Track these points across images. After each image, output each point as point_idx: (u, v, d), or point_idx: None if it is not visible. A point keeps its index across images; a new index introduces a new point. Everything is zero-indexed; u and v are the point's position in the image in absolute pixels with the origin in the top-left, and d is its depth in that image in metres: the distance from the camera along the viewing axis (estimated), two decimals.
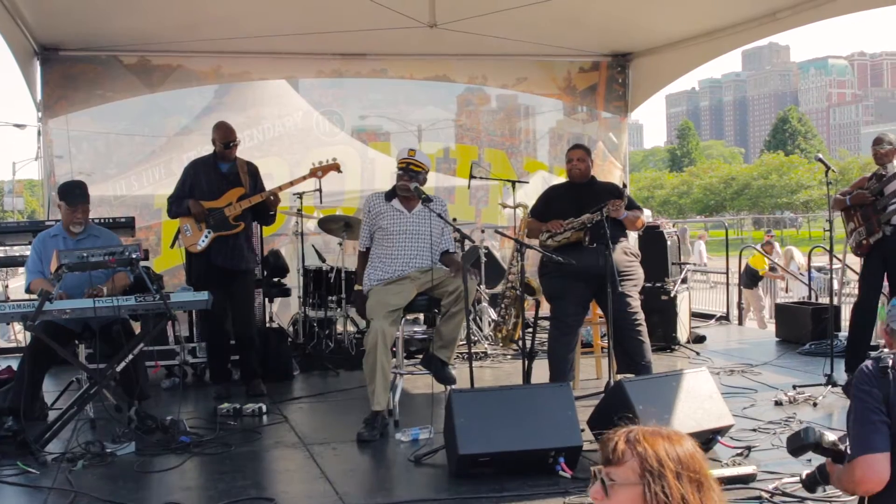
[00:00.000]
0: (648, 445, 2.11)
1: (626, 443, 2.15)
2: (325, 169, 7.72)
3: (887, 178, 7.47)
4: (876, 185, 7.52)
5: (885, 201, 7.44)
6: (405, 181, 6.55)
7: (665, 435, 2.15)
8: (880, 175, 7.56)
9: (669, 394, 5.46)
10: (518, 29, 9.62)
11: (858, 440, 3.18)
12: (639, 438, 2.14)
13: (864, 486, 3.17)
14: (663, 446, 2.11)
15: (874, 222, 7.49)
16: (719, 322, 11.50)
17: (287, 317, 9.94)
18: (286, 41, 9.93)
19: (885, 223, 7.45)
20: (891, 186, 7.43)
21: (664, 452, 2.10)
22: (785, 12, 9.01)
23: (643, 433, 2.15)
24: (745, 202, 63.66)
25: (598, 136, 12.03)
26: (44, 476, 5.29)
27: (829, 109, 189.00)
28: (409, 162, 6.58)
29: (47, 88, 9.88)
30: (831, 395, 6.89)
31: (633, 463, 2.12)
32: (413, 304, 6.55)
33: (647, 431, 2.16)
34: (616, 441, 2.17)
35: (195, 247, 7.40)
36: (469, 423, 5.11)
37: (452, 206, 9.98)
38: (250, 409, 6.83)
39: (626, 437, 2.16)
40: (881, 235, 7.46)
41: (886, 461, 3.13)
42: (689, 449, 2.14)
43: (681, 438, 2.16)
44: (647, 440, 2.13)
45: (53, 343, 6.00)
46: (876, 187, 7.51)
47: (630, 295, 6.76)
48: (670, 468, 2.09)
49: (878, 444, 3.14)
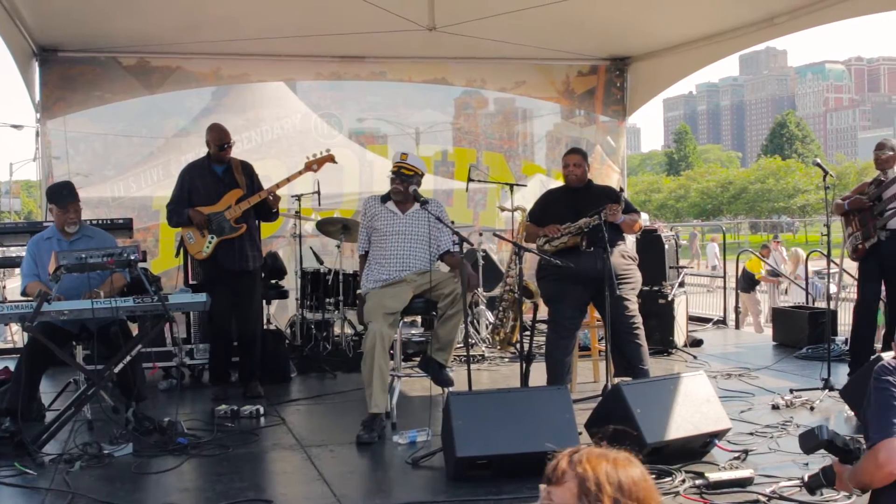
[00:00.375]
0: (590, 467, 2.05)
1: (569, 463, 2.08)
2: (320, 161, 7.66)
3: (886, 183, 7.49)
4: (875, 190, 7.54)
5: (883, 206, 7.46)
6: (397, 185, 6.58)
7: (612, 458, 2.08)
8: (879, 181, 7.58)
9: (667, 397, 5.46)
10: (516, 32, 9.63)
11: (881, 424, 3.17)
12: (581, 459, 2.07)
13: (887, 469, 3.14)
14: (605, 470, 2.04)
15: (871, 227, 7.52)
16: (716, 326, 11.51)
17: (284, 319, 9.94)
18: (285, 43, 9.93)
19: (881, 228, 7.47)
20: (889, 192, 7.45)
21: (605, 476, 2.04)
22: (782, 17, 9.03)
23: (588, 455, 2.08)
24: (743, 206, 63.75)
25: (596, 139, 12.04)
26: (41, 477, 5.28)
27: (826, 114, 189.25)
28: (401, 166, 6.60)
29: (46, 89, 9.88)
30: (828, 399, 6.89)
31: (571, 484, 2.06)
32: (410, 307, 6.56)
33: (594, 453, 2.09)
34: (559, 460, 2.11)
35: (201, 254, 7.39)
36: (467, 426, 5.11)
37: (450, 209, 9.97)
38: (248, 410, 6.83)
39: (569, 457, 2.10)
40: (876, 240, 7.49)
41: None
42: (634, 475, 2.07)
43: (628, 464, 2.09)
44: (589, 462, 2.06)
45: (51, 344, 6.00)
46: (874, 192, 7.53)
47: (628, 298, 6.77)
48: (608, 493, 2.02)
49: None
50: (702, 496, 4.72)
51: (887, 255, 7.50)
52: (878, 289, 7.80)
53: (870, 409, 3.27)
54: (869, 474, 3.24)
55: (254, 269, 7.68)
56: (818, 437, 3.41)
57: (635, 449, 2.26)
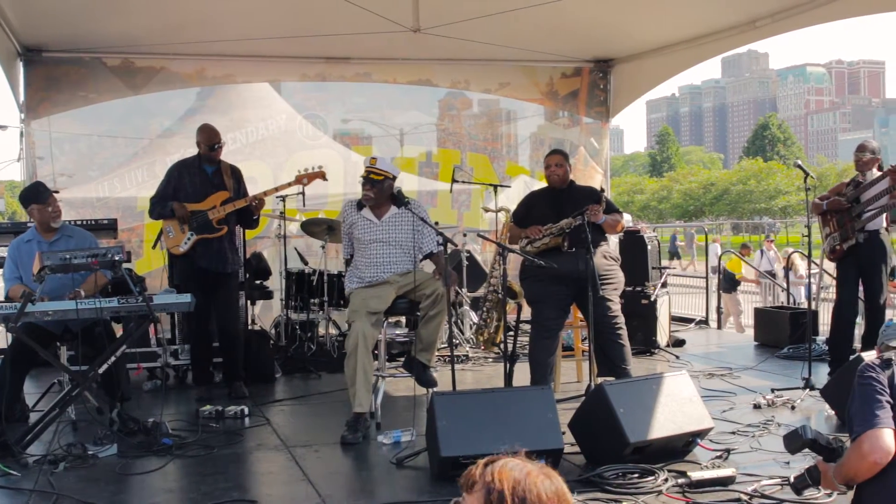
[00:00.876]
0: (499, 478, 2.00)
1: (481, 472, 2.04)
2: (311, 176, 7.71)
3: (864, 185, 7.56)
4: (853, 191, 7.61)
5: (861, 208, 7.53)
6: (367, 190, 6.54)
7: (525, 471, 2.02)
8: (858, 182, 7.64)
9: (650, 397, 5.50)
10: (501, 34, 9.66)
11: (864, 416, 3.25)
12: (493, 469, 2.03)
13: (871, 458, 3.21)
14: (513, 481, 1.99)
15: (849, 228, 7.58)
16: (699, 326, 11.57)
17: (269, 319, 9.94)
18: (270, 44, 9.93)
19: (858, 230, 7.54)
20: (867, 194, 7.52)
21: (510, 488, 1.99)
22: (764, 20, 9.10)
23: (501, 465, 2.03)
24: (724, 207, 63.91)
25: (580, 141, 12.09)
26: (25, 478, 5.27)
27: (807, 116, 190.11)
28: (370, 171, 6.54)
29: (30, 90, 9.85)
30: (809, 399, 6.94)
31: (479, 494, 2.03)
32: (393, 307, 6.58)
33: (508, 464, 2.04)
34: (473, 469, 2.06)
35: (178, 249, 7.41)
36: (451, 426, 5.13)
37: (434, 210, 10.03)
38: (232, 411, 6.83)
39: (483, 466, 2.05)
40: (854, 242, 7.56)
41: (892, 436, 3.20)
42: (543, 490, 2.01)
43: (542, 477, 2.03)
44: (500, 472, 2.01)
45: (35, 344, 5.99)
46: (853, 194, 7.60)
47: (610, 299, 6.81)
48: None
49: (884, 420, 3.22)
50: (684, 495, 4.75)
51: (865, 256, 7.58)
52: (857, 289, 7.86)
53: (854, 403, 3.33)
54: (854, 467, 3.29)
55: (231, 272, 7.68)
56: (802, 436, 3.46)
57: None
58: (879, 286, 7.67)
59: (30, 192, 6.71)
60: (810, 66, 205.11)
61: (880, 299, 7.67)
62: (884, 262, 7.64)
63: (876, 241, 7.59)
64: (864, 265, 7.64)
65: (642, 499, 4.71)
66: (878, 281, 7.65)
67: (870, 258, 7.57)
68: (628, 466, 5.10)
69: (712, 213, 64.22)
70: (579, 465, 5.35)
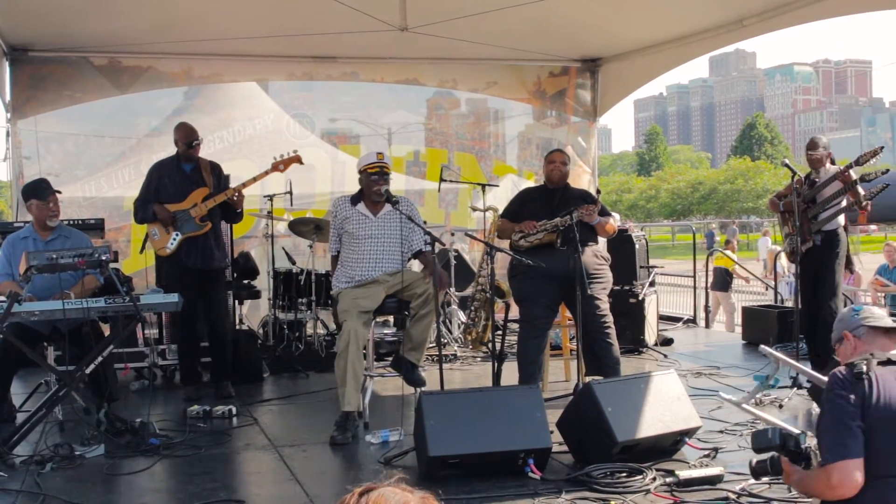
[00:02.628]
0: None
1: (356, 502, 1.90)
2: (287, 162, 7.63)
3: (819, 185, 7.56)
4: (808, 191, 7.61)
5: (817, 209, 7.55)
6: (380, 185, 6.54)
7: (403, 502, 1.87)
8: (813, 181, 7.65)
9: (638, 396, 5.50)
10: (488, 33, 9.66)
11: (835, 445, 3.22)
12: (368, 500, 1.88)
13: (839, 491, 3.21)
14: None
15: (805, 230, 7.60)
16: (686, 325, 11.59)
17: (257, 319, 9.93)
18: (257, 43, 9.91)
19: (815, 232, 7.57)
20: (822, 194, 7.54)
21: None
22: (752, 19, 9.12)
23: (377, 495, 1.88)
24: (712, 206, 64.02)
25: (567, 140, 12.10)
26: (12, 479, 5.25)
27: (795, 115, 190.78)
28: (383, 165, 6.58)
29: (16, 89, 9.81)
30: (797, 397, 6.96)
31: None
32: (383, 307, 6.57)
33: (385, 493, 1.89)
34: (348, 497, 1.92)
35: (164, 250, 7.40)
36: (439, 425, 5.13)
37: (422, 209, 10.00)
38: (220, 411, 6.82)
39: (357, 496, 1.91)
40: (812, 245, 7.58)
41: (861, 467, 3.18)
42: None
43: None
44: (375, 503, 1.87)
45: (22, 345, 5.97)
46: (808, 194, 7.60)
47: (599, 297, 6.81)
48: None
49: (855, 450, 3.19)
50: (672, 494, 4.76)
51: (820, 258, 7.64)
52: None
53: (823, 421, 3.32)
54: (819, 492, 3.31)
55: (219, 268, 7.68)
56: (770, 441, 3.47)
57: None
58: (832, 287, 7.74)
59: (32, 187, 6.71)
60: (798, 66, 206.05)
61: (831, 301, 7.73)
62: (837, 261, 7.70)
63: (832, 242, 7.65)
64: (820, 266, 7.70)
65: (630, 498, 4.72)
66: (830, 281, 7.74)
67: (824, 258, 7.65)
68: (616, 465, 5.11)
69: (700, 213, 64.35)
70: (567, 465, 5.35)
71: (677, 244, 52.39)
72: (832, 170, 7.72)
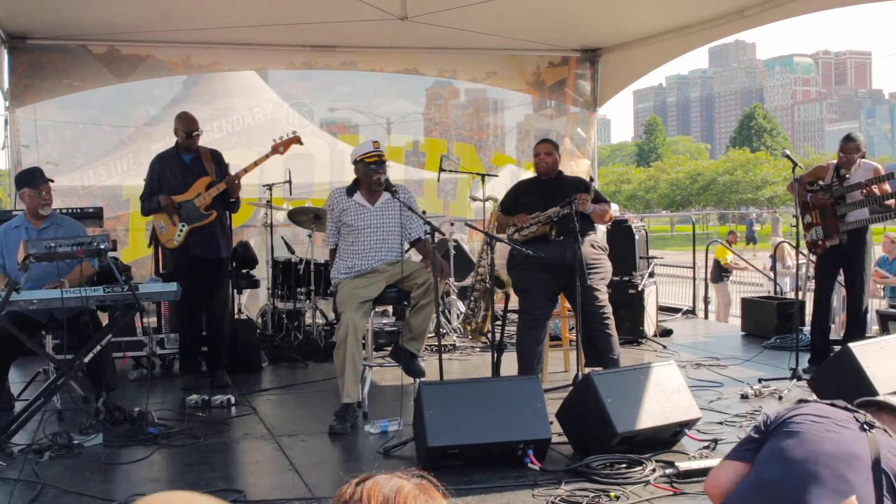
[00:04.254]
0: (367, 497, 1.84)
1: (352, 491, 1.88)
2: (287, 143, 7.57)
3: (850, 184, 7.48)
4: (838, 186, 7.55)
5: (846, 209, 7.50)
6: (379, 174, 6.52)
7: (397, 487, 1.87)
8: (843, 176, 7.57)
9: (637, 387, 5.50)
10: (488, 23, 9.63)
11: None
12: (364, 488, 1.86)
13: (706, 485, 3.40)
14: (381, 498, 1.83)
15: (833, 227, 7.55)
16: (686, 316, 11.58)
17: (256, 308, 9.92)
18: (256, 32, 9.88)
19: (843, 231, 7.52)
20: (854, 195, 7.45)
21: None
22: (752, 10, 9.10)
23: (372, 483, 1.86)
24: (711, 197, 64.02)
25: (566, 131, 12.09)
26: (10, 468, 5.25)
27: (794, 107, 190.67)
28: (380, 154, 6.56)
29: (14, 77, 9.77)
30: (796, 389, 6.96)
31: None
32: (382, 297, 6.55)
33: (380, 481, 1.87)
34: (346, 488, 1.90)
35: (172, 242, 7.37)
36: (438, 416, 5.12)
37: (421, 199, 10.01)
38: (219, 400, 6.82)
39: (354, 485, 1.89)
40: (838, 242, 7.55)
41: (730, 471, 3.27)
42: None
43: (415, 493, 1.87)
44: (370, 491, 1.85)
45: (20, 333, 5.96)
46: (838, 191, 7.53)
47: (598, 288, 6.79)
48: None
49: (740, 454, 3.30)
50: (672, 485, 4.76)
51: (847, 255, 7.61)
52: (832, 285, 7.97)
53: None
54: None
55: (225, 257, 7.67)
56: None
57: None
58: (861, 282, 7.72)
59: (25, 175, 6.70)
60: (797, 57, 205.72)
61: (863, 292, 7.72)
62: (866, 255, 7.68)
63: (860, 239, 7.59)
64: (847, 264, 7.68)
65: (630, 489, 4.72)
66: (860, 277, 7.70)
67: (852, 255, 7.60)
68: (616, 456, 5.10)
69: (699, 203, 64.35)
70: (567, 455, 5.35)
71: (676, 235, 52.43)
72: (864, 167, 7.60)
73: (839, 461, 3.00)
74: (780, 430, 3.19)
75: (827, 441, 3.08)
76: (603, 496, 4.61)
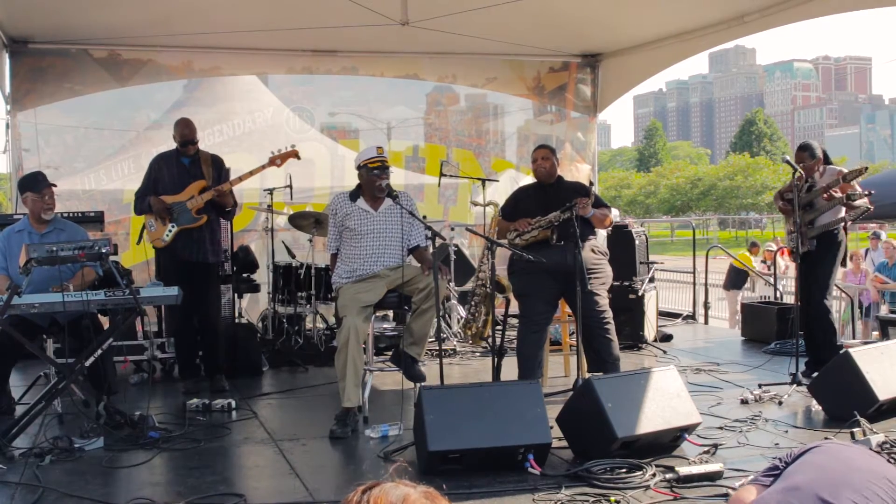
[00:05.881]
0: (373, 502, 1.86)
1: (358, 499, 1.90)
2: (284, 157, 7.61)
3: (816, 190, 7.55)
4: (806, 195, 7.60)
5: (813, 214, 7.55)
6: (382, 179, 6.53)
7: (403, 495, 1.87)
8: (811, 185, 7.64)
9: (638, 392, 5.50)
10: (489, 28, 9.66)
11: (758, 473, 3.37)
12: (371, 496, 1.88)
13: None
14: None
15: (804, 234, 7.59)
16: (686, 321, 11.59)
17: (256, 312, 9.93)
18: (257, 37, 9.91)
19: (811, 237, 7.57)
20: (819, 201, 7.52)
21: None
22: (752, 15, 9.13)
23: (379, 491, 1.88)
24: (711, 203, 64.08)
25: (567, 136, 12.11)
26: (11, 471, 5.24)
27: (794, 112, 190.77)
28: (383, 159, 6.57)
29: (16, 81, 9.80)
30: (796, 394, 6.96)
31: None
32: (383, 301, 6.55)
33: (386, 488, 1.89)
34: (352, 495, 1.92)
35: (160, 241, 7.40)
36: (439, 420, 5.12)
37: (421, 205, 10.03)
38: (219, 404, 6.82)
39: (360, 493, 1.91)
40: (807, 249, 7.58)
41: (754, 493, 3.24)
42: None
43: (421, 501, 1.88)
44: (377, 499, 1.87)
45: (21, 337, 5.96)
46: (805, 198, 7.59)
47: (598, 293, 6.79)
48: None
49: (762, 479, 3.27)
50: (672, 490, 4.76)
51: (816, 256, 7.64)
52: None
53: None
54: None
55: (213, 262, 7.66)
56: None
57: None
58: (823, 285, 7.74)
59: (28, 180, 6.69)
60: (797, 62, 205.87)
61: (821, 289, 7.73)
62: (833, 260, 7.69)
63: (830, 242, 7.63)
64: (815, 264, 7.69)
65: (630, 494, 4.71)
66: (822, 279, 7.72)
67: (820, 257, 7.63)
68: (616, 461, 5.10)
69: (699, 209, 64.40)
70: (567, 460, 5.35)
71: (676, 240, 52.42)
72: (829, 172, 7.68)
73: (872, 474, 3.00)
74: (806, 452, 3.21)
75: (858, 458, 3.11)
76: (603, 501, 4.61)
